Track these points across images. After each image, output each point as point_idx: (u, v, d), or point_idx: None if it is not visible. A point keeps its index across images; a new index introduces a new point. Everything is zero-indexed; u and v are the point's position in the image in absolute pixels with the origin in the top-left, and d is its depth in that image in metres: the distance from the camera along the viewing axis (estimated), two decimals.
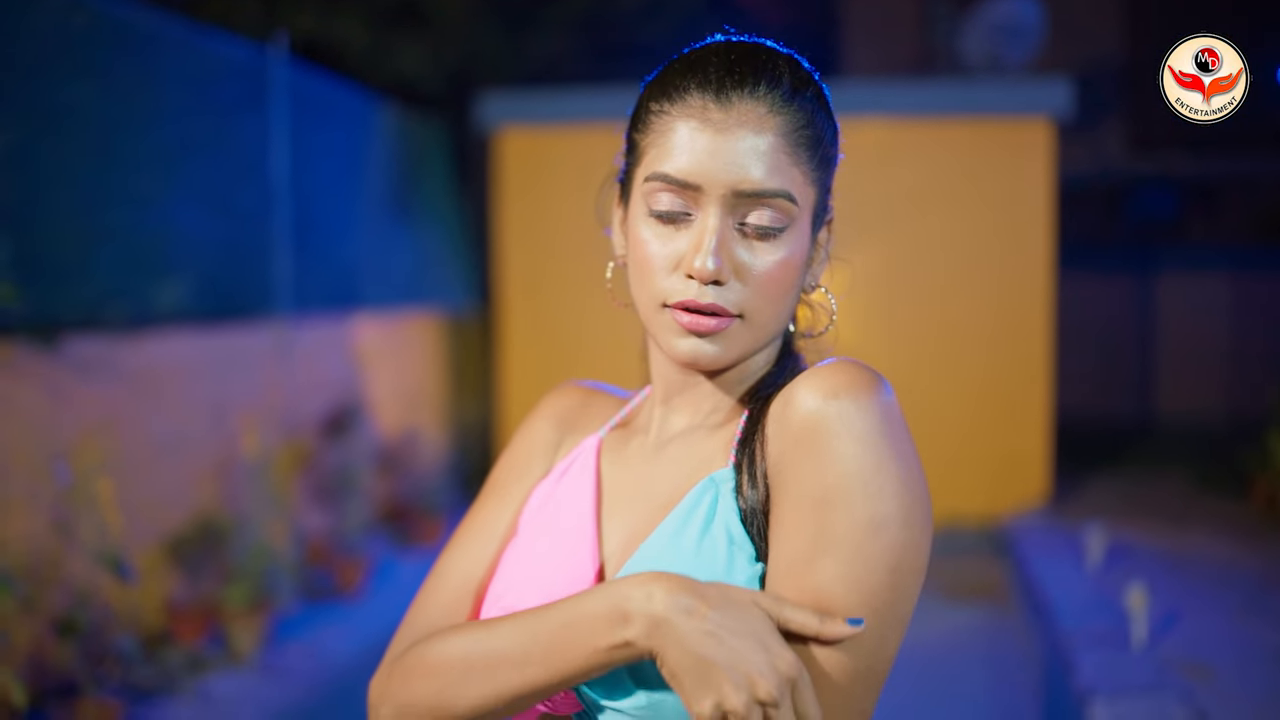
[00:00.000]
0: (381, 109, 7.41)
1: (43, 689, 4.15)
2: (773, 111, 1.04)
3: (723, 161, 1.01)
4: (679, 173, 1.02)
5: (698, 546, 1.02)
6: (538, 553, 1.12)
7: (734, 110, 1.02)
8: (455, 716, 1.02)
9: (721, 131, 1.02)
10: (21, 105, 4.30)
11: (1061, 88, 7.17)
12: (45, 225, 4.39)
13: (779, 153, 1.03)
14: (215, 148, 5.59)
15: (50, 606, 4.28)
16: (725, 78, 1.04)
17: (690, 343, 1.05)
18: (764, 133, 1.03)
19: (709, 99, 1.03)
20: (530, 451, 1.22)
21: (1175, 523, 7.10)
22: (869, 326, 7.78)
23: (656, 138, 1.05)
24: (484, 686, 1.00)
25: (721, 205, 1.03)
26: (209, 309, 5.45)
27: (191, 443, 5.26)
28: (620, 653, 0.95)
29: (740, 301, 1.05)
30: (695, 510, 1.03)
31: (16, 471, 4.17)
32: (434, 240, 8.27)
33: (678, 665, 0.92)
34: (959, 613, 6.53)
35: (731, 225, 1.04)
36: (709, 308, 1.03)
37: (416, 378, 7.96)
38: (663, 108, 1.06)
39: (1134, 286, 11.94)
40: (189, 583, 5.13)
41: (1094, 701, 4.18)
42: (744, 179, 1.02)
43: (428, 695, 1.03)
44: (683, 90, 1.04)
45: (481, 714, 1.01)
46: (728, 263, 1.03)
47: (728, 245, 1.03)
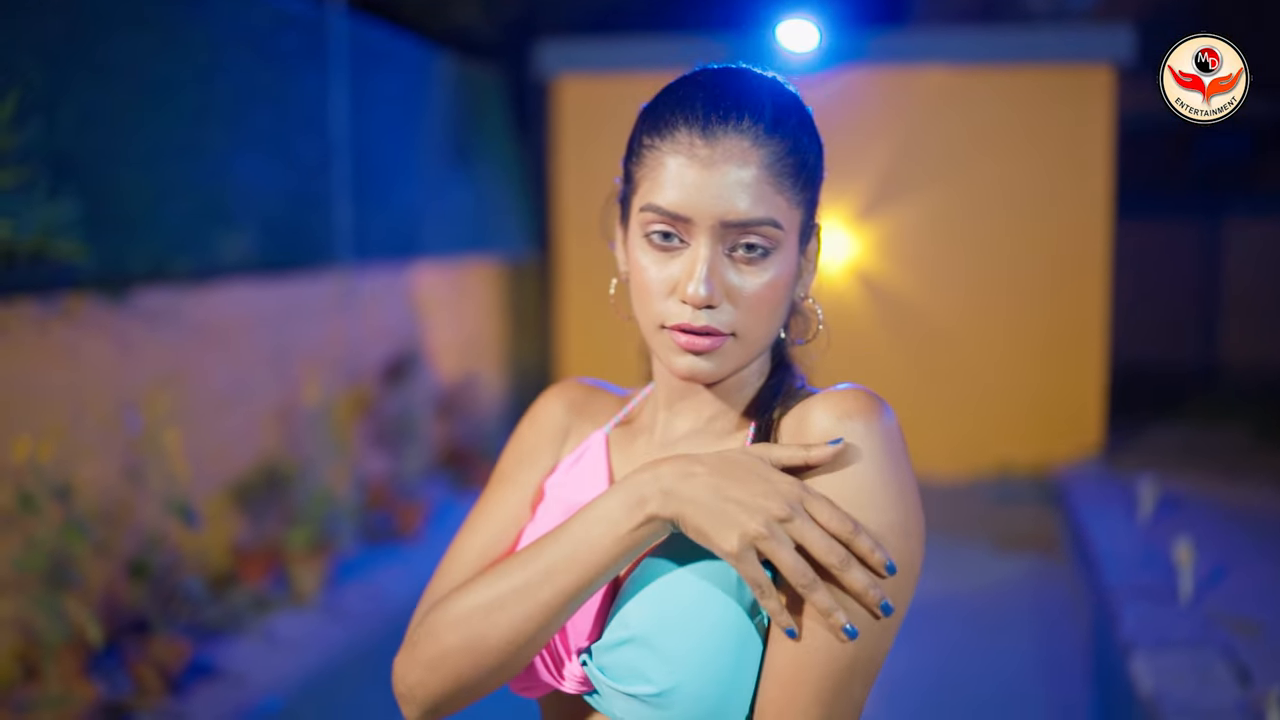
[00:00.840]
0: (439, 59, 7.47)
1: (116, 627, 4.34)
2: (756, 144, 1.10)
3: (710, 195, 1.08)
4: (670, 206, 1.10)
5: (712, 559, 1.09)
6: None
7: (719, 145, 1.09)
8: (490, 650, 1.09)
9: (708, 166, 1.09)
10: (89, 63, 4.41)
11: (1124, 34, 7.07)
12: (113, 180, 4.52)
13: (763, 183, 1.10)
14: (276, 100, 5.69)
15: (122, 549, 4.46)
16: (710, 114, 1.10)
17: (688, 360, 1.12)
18: (748, 165, 1.09)
19: (695, 135, 1.10)
20: (538, 440, 1.30)
21: (1230, 475, 7.07)
22: (928, 273, 7.77)
23: (649, 171, 1.13)
24: (515, 611, 1.07)
25: (711, 235, 1.10)
26: (272, 259, 5.57)
27: (255, 391, 5.41)
28: (645, 530, 1.06)
29: (732, 322, 1.12)
30: None
31: (88, 421, 4.34)
32: (492, 188, 8.35)
33: (696, 519, 1.03)
34: (1010, 562, 6.58)
35: (721, 252, 1.11)
36: (703, 329, 1.10)
37: (475, 324, 8.09)
38: (654, 143, 1.13)
39: (1200, 233, 11.75)
40: (254, 526, 5.31)
41: (1135, 654, 4.22)
42: (730, 210, 1.09)
43: (459, 640, 1.10)
44: (671, 126, 1.12)
45: (516, 642, 1.08)
46: (719, 287, 1.10)
47: (718, 271, 1.10)
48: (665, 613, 1.07)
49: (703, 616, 1.07)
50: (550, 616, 1.08)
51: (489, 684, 1.12)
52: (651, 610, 1.08)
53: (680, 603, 1.08)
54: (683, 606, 1.07)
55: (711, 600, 1.07)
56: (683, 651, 1.06)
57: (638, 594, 1.10)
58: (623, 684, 1.07)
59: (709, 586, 1.08)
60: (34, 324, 4.10)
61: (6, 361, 3.99)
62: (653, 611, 1.08)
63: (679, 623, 1.07)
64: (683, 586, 1.08)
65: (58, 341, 4.21)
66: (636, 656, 1.07)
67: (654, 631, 1.07)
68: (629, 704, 1.07)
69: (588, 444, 1.26)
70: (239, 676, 4.25)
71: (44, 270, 4.04)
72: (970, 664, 5.09)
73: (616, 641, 1.09)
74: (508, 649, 1.09)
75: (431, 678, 1.12)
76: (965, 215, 7.66)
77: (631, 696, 1.07)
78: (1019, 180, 7.56)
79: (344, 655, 4.72)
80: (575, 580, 1.07)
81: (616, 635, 1.09)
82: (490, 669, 1.10)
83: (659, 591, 1.09)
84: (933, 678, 4.84)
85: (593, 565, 1.07)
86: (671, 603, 1.08)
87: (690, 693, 1.05)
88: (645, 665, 1.06)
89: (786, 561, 1.01)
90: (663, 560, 1.11)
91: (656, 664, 1.06)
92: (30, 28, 4.08)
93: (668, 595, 1.08)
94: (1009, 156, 7.55)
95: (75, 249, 4.03)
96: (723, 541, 1.02)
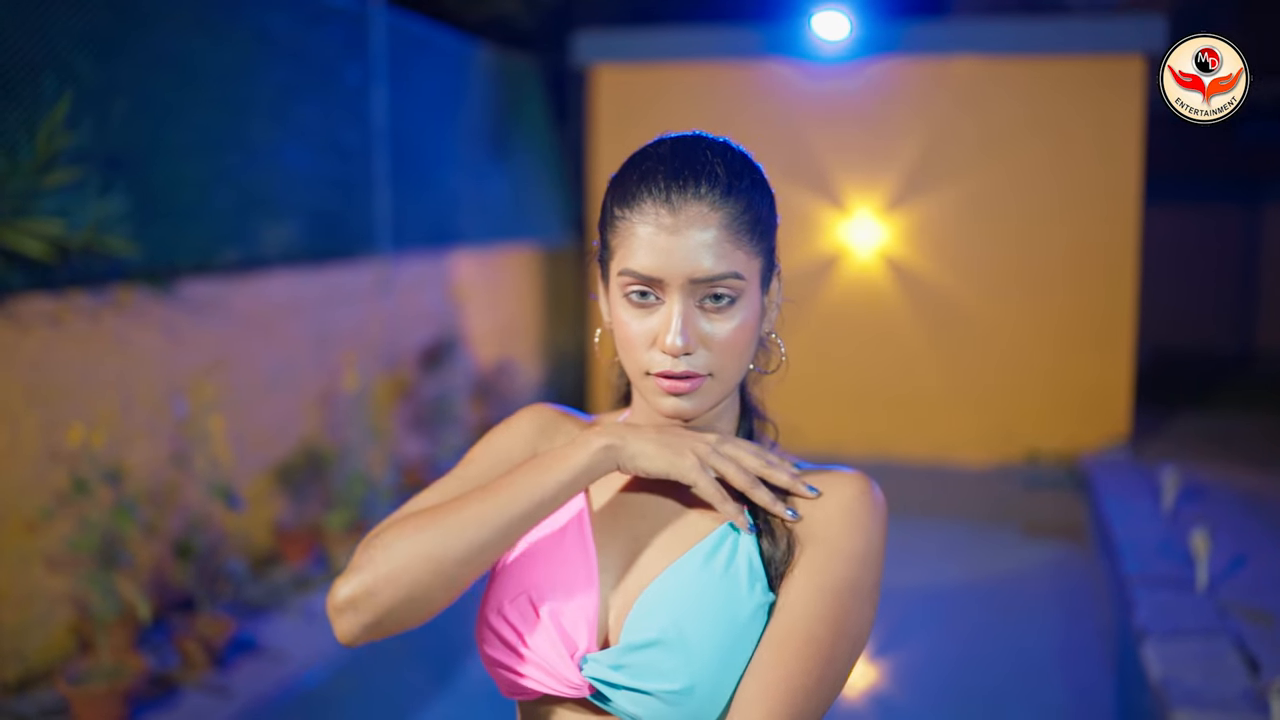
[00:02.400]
0: (478, 49, 7.61)
1: (163, 604, 4.54)
2: (714, 208, 1.24)
3: (678, 258, 1.23)
4: (644, 270, 1.24)
5: (725, 572, 1.24)
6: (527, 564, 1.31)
7: (681, 213, 1.23)
8: (451, 559, 1.19)
9: (674, 233, 1.23)
10: (136, 59, 4.57)
11: (1156, 24, 7.09)
12: (161, 175, 4.69)
13: (723, 242, 1.24)
14: (319, 92, 5.85)
15: (169, 530, 4.66)
16: (670, 185, 1.24)
17: (672, 402, 1.27)
18: (709, 228, 1.23)
19: (660, 205, 1.24)
20: (511, 445, 1.43)
21: (1258, 464, 7.11)
22: (959, 262, 7.85)
23: (623, 239, 1.27)
24: (478, 523, 1.20)
25: (682, 291, 1.24)
26: (314, 249, 5.74)
27: (297, 377, 5.59)
28: (601, 454, 1.24)
29: (708, 364, 1.26)
30: (721, 546, 1.26)
31: (137, 407, 4.53)
32: (529, 176, 8.49)
33: (653, 458, 1.24)
34: (1036, 548, 6.68)
35: (693, 305, 1.25)
36: (683, 374, 1.25)
37: (512, 310, 8.24)
38: (624, 214, 1.27)
39: (1240, 217, 11.70)
40: (295, 507, 5.49)
41: (1148, 642, 4.32)
42: (697, 269, 1.23)
43: (423, 551, 1.20)
44: (638, 199, 1.26)
45: (478, 551, 1.20)
46: (694, 336, 1.25)
47: (692, 322, 1.25)
48: (687, 618, 1.21)
49: (718, 621, 1.21)
50: (511, 528, 1.21)
51: (439, 598, 1.22)
52: (674, 616, 1.21)
53: (700, 609, 1.22)
54: (702, 612, 1.21)
55: (726, 606, 1.22)
56: (704, 652, 1.19)
57: (659, 602, 1.23)
58: (645, 682, 1.20)
59: (723, 595, 1.23)
60: (86, 315, 4.28)
61: (61, 351, 4.18)
62: (676, 617, 1.21)
63: (699, 626, 1.20)
64: (701, 594, 1.23)
65: (109, 331, 4.39)
66: (661, 657, 1.20)
67: (678, 635, 1.20)
68: (648, 702, 1.21)
69: None
70: (280, 652, 4.42)
71: (95, 263, 4.23)
72: (993, 647, 5.20)
73: (641, 643, 1.21)
74: (469, 558, 1.20)
75: (386, 589, 1.20)
76: (996, 205, 7.72)
77: (651, 694, 1.20)
78: (1049, 170, 7.60)
79: None
80: (538, 495, 1.22)
81: (641, 638, 1.21)
82: (449, 578, 1.20)
83: (680, 599, 1.23)
84: (956, 659, 4.96)
85: (553, 484, 1.23)
86: (693, 609, 1.22)
87: (706, 689, 1.19)
88: (668, 665, 1.20)
89: (730, 471, 1.25)
90: (678, 572, 1.25)
91: (679, 663, 1.20)
92: (77, 25, 4.24)
93: (688, 602, 1.22)
94: (1040, 146, 7.60)
95: (125, 244, 4.22)
96: (684, 464, 1.24)
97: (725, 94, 8.05)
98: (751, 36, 7.91)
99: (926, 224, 7.85)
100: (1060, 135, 7.56)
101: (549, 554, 1.30)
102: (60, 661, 4.16)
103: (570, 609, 1.26)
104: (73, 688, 3.73)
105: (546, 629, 1.25)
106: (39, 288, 4.06)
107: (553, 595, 1.27)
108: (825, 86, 7.90)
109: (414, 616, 1.22)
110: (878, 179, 7.89)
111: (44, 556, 4.11)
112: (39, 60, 4.08)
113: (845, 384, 7.97)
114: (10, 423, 3.97)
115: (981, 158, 7.68)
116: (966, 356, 7.87)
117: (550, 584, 1.27)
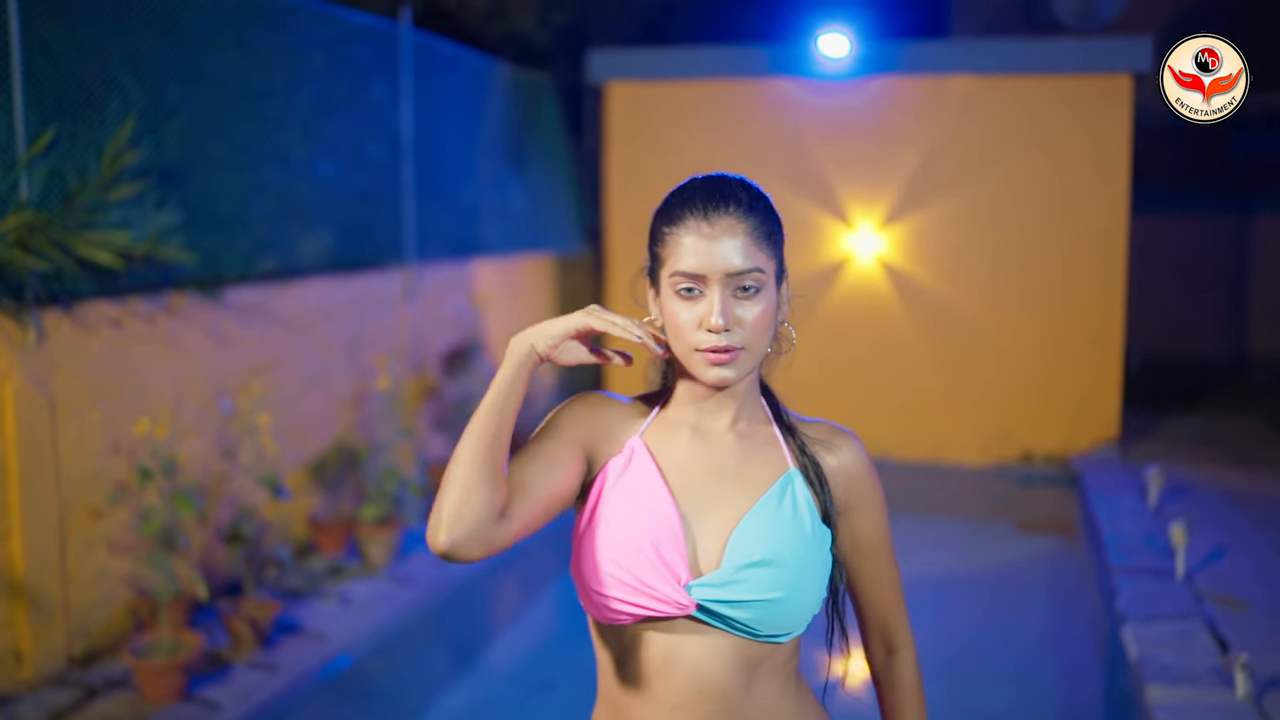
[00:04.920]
0: (496, 67, 7.95)
1: (213, 587, 4.88)
2: (740, 220, 1.62)
3: (717, 258, 1.60)
4: (690, 269, 1.61)
5: (794, 511, 1.63)
6: (624, 520, 1.65)
7: (717, 225, 1.61)
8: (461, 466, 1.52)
9: (712, 240, 1.61)
10: (183, 79, 4.92)
11: (1144, 46, 7.43)
12: (208, 189, 5.03)
13: (749, 245, 1.62)
14: (350, 109, 6.19)
15: (217, 519, 5.00)
16: (707, 205, 1.63)
17: (716, 371, 1.63)
18: (737, 235, 1.62)
19: (700, 220, 1.62)
20: (566, 420, 1.74)
21: (1242, 464, 7.43)
22: (956, 272, 8.18)
23: (671, 250, 1.64)
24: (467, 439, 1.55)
25: (720, 283, 1.61)
26: (346, 258, 6.09)
27: (331, 378, 5.93)
28: (515, 350, 1.58)
29: (741, 339, 1.63)
30: (784, 493, 1.65)
31: (188, 404, 4.87)
32: (545, 188, 8.84)
33: (547, 329, 1.58)
34: (1029, 542, 7.00)
35: (729, 294, 1.62)
36: (724, 348, 1.61)
37: (529, 316, 8.58)
38: (671, 230, 1.65)
39: (1231, 227, 12.00)
40: (330, 501, 5.84)
41: (1127, 625, 4.66)
42: (731, 265, 1.60)
43: (447, 473, 1.55)
44: (682, 218, 1.64)
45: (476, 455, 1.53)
46: (730, 318, 1.61)
47: (728, 307, 1.61)
48: (778, 543, 1.60)
49: (797, 545, 1.61)
50: (492, 425, 1.55)
51: (485, 490, 1.52)
52: (769, 543, 1.60)
53: (784, 537, 1.61)
54: (785, 539, 1.61)
55: (799, 534, 1.63)
56: (791, 568, 1.59)
57: (754, 534, 1.61)
58: (749, 595, 1.58)
59: (796, 527, 1.63)
60: (144, 319, 4.63)
61: (122, 352, 4.52)
62: (770, 544, 1.60)
63: (787, 550, 1.60)
64: (782, 527, 1.62)
65: (163, 334, 4.74)
66: (762, 574, 1.59)
67: (775, 556, 1.59)
68: (751, 609, 1.59)
69: (629, 448, 1.72)
70: (320, 633, 4.76)
71: (150, 271, 4.58)
72: (987, 633, 5.51)
73: (748, 564, 1.58)
74: (479, 454, 1.53)
75: (446, 499, 1.52)
76: (991, 217, 8.06)
77: (753, 604, 1.58)
78: (1041, 183, 7.95)
79: (411, 616, 5.24)
80: (493, 397, 1.57)
81: (747, 560, 1.58)
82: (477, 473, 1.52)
83: (769, 531, 1.61)
84: (955, 645, 5.27)
85: (499, 385, 1.58)
86: (779, 537, 1.61)
87: (793, 597, 1.60)
88: (768, 580, 1.58)
89: (615, 320, 1.60)
90: (762, 511, 1.63)
91: (777, 578, 1.59)
92: (129, 49, 4.59)
93: (775, 532, 1.61)
94: (1032, 160, 7.94)
95: (182, 253, 4.57)
96: (574, 319, 1.58)
97: (733, 110, 8.40)
98: (758, 55, 8.26)
99: (925, 234, 8.19)
100: (1053, 149, 7.90)
101: (641, 511, 1.64)
102: (120, 639, 4.50)
103: (667, 549, 1.60)
104: (137, 660, 4.07)
105: (653, 562, 1.59)
106: (103, 294, 4.41)
107: (653, 540, 1.61)
108: (828, 102, 8.25)
109: (483, 511, 1.51)
110: (879, 191, 8.23)
111: (107, 541, 4.46)
112: (100, 85, 4.44)
113: (849, 388, 8.30)
114: (78, 418, 4.32)
115: (976, 172, 8.03)
116: (964, 362, 8.21)
117: (648, 533, 1.62)
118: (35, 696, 4.07)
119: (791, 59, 8.19)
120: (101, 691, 4.15)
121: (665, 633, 1.62)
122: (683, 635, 1.62)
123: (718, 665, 1.61)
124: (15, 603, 4.11)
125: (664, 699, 1.63)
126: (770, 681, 1.65)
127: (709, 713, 1.62)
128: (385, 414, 6.02)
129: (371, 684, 4.81)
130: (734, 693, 1.62)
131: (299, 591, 5.19)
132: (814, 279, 8.36)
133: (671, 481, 1.68)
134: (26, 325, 4.08)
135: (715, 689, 1.61)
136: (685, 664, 1.62)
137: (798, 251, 8.27)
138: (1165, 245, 11.75)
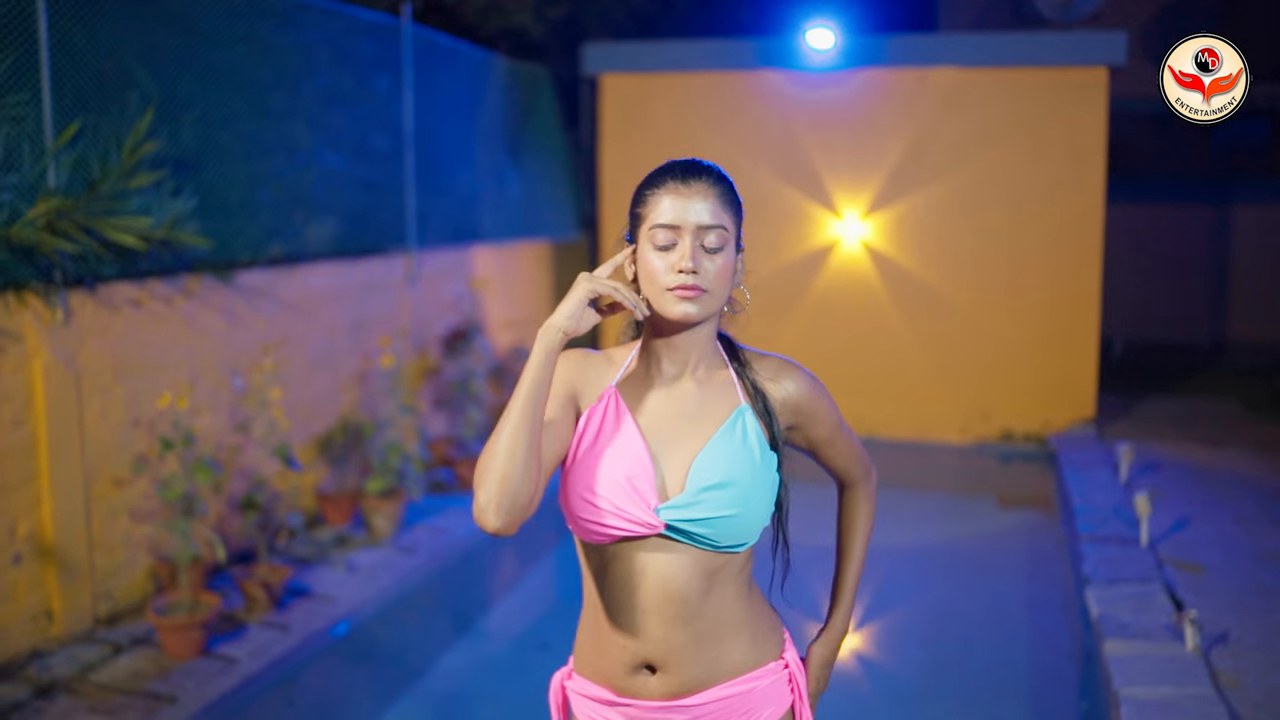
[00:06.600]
0: (494, 59, 8.22)
1: (228, 554, 5.15)
2: (710, 187, 1.91)
3: (690, 213, 1.88)
4: (668, 220, 1.89)
5: (744, 443, 1.89)
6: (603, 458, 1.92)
7: (691, 187, 1.90)
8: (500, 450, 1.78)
9: (686, 198, 1.89)
10: (195, 72, 5.18)
11: (1118, 40, 7.71)
12: (219, 177, 5.30)
13: (716, 208, 1.90)
14: (354, 101, 6.45)
15: (231, 489, 5.28)
16: (685, 172, 1.92)
17: (682, 306, 1.90)
18: (708, 199, 1.90)
19: (677, 183, 1.91)
20: (562, 380, 2.00)
21: (1211, 443, 7.70)
22: (939, 260, 8.46)
23: (651, 207, 1.92)
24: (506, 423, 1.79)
25: (691, 235, 1.89)
26: (350, 244, 6.36)
27: (336, 357, 6.21)
28: (544, 340, 1.80)
29: (706, 283, 1.90)
30: (735, 425, 1.91)
31: (203, 381, 5.15)
32: (541, 176, 9.11)
33: (563, 309, 1.81)
34: (1009, 516, 7.28)
35: (697, 245, 1.89)
36: (692, 286, 1.88)
37: (526, 300, 8.86)
38: (652, 191, 1.93)
39: (1213, 216, 12.25)
40: (336, 475, 6.11)
41: (1090, 587, 4.94)
42: (701, 220, 1.89)
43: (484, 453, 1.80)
44: (662, 182, 1.92)
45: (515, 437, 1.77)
46: (698, 263, 1.89)
47: (697, 255, 1.89)
48: (734, 467, 1.86)
49: (749, 468, 1.88)
50: (528, 410, 1.79)
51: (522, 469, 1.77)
52: (727, 467, 1.87)
53: (738, 461, 1.88)
54: (738, 463, 1.87)
55: (750, 459, 1.90)
56: (745, 488, 1.86)
57: (713, 460, 1.88)
58: (710, 513, 1.86)
59: (746, 452, 1.90)
60: (162, 300, 4.90)
61: (142, 331, 4.80)
62: (728, 467, 1.86)
63: (741, 472, 1.86)
64: (736, 453, 1.89)
65: (180, 314, 5.01)
66: (721, 495, 1.86)
67: (731, 478, 1.85)
68: (713, 525, 1.86)
69: (605, 397, 1.99)
70: (329, 597, 5.03)
71: (167, 255, 4.85)
72: (969, 601, 5.78)
73: (710, 486, 1.85)
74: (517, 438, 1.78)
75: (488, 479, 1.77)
76: (973, 206, 8.34)
77: (714, 520, 1.86)
78: (1021, 172, 8.22)
79: (413, 584, 5.53)
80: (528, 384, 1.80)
81: (709, 482, 1.85)
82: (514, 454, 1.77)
83: (726, 457, 1.88)
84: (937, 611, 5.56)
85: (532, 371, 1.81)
86: (734, 461, 1.88)
87: (748, 512, 1.88)
88: (726, 499, 1.86)
89: (616, 286, 1.83)
90: (719, 442, 1.90)
91: (734, 497, 1.86)
92: (145, 46, 4.85)
93: (731, 458, 1.88)
94: (1012, 150, 8.22)
95: (198, 238, 4.84)
96: (580, 289, 1.81)
97: (723, 101, 8.67)
98: (747, 48, 8.54)
99: (910, 222, 8.47)
100: (1032, 140, 8.18)
101: (615, 448, 1.92)
102: (141, 601, 4.78)
103: (640, 480, 1.88)
104: (160, 618, 4.35)
105: (627, 491, 1.87)
106: (124, 276, 4.68)
107: (627, 474, 1.89)
108: (816, 94, 8.52)
109: (530, 491, 1.78)
110: (865, 180, 8.51)
111: (129, 509, 4.74)
112: (120, 81, 4.70)
113: (836, 369, 8.56)
114: (102, 393, 4.59)
115: (958, 161, 8.30)
116: (947, 344, 8.49)
117: (623, 468, 1.89)
118: (65, 651, 4.35)
119: (780, 52, 8.46)
120: (127, 648, 4.43)
121: (638, 550, 1.90)
122: (652, 552, 1.89)
123: (682, 575, 1.89)
124: (46, 565, 4.39)
125: (637, 604, 1.90)
126: (727, 587, 1.93)
127: (675, 615, 1.89)
128: (388, 392, 6.29)
129: (377, 645, 5.09)
130: (695, 597, 1.90)
131: (308, 559, 5.46)
132: (802, 265, 8.63)
133: (642, 423, 1.95)
134: (55, 305, 4.36)
135: (680, 594, 1.89)
136: (654, 574, 1.89)
137: (786, 238, 8.55)
138: (1148, 233, 12.02)
